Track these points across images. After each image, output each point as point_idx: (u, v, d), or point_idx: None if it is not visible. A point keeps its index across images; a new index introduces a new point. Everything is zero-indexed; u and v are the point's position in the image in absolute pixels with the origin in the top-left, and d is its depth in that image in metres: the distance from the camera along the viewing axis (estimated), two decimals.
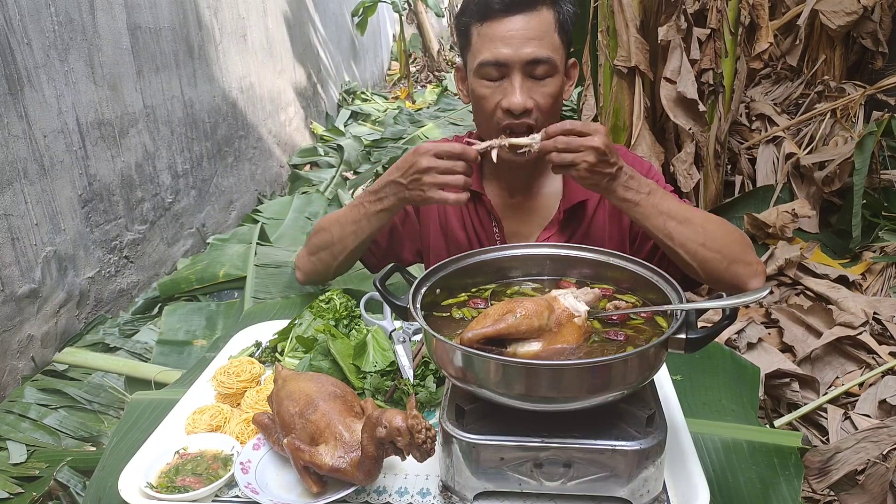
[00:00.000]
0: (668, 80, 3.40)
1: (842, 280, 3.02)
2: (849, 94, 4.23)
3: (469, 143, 1.34)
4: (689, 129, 3.44)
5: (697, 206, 3.70)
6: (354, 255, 1.59)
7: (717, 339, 1.10)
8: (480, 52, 1.39)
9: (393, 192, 1.41)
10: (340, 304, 1.44)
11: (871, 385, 2.37)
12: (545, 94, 1.40)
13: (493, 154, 1.34)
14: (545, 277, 1.21)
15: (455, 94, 9.52)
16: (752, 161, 4.11)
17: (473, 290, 1.17)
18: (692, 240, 1.32)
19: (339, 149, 6.43)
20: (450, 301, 1.14)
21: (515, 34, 1.35)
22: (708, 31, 3.46)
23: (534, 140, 1.29)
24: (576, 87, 1.70)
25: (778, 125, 4.27)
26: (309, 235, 1.67)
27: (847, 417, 2.27)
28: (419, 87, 11.01)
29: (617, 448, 0.91)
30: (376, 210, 1.46)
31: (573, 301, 1.01)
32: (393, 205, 1.43)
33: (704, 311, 1.02)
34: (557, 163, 1.27)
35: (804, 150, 3.99)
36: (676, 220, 1.32)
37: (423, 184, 1.34)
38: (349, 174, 5.95)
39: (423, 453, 0.91)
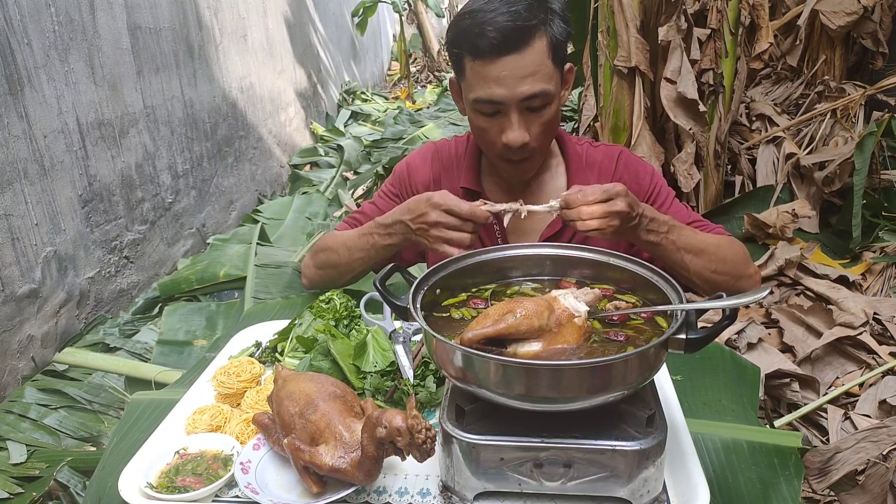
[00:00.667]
0: (668, 80, 3.40)
1: (842, 280, 3.01)
2: (849, 95, 4.23)
3: (483, 203, 1.33)
4: (690, 129, 3.44)
5: (697, 206, 3.70)
6: (360, 276, 1.64)
7: (717, 340, 1.10)
8: (474, 89, 1.38)
9: (401, 231, 1.44)
10: (340, 304, 1.44)
11: (871, 385, 2.37)
12: (542, 122, 1.41)
13: (506, 219, 1.34)
14: (545, 277, 1.21)
15: None
16: (752, 161, 4.11)
17: (473, 290, 1.17)
18: (706, 268, 1.38)
19: (339, 149, 6.43)
20: (450, 301, 1.14)
21: (509, 74, 1.33)
22: (708, 32, 3.46)
23: (552, 208, 1.26)
24: (576, 87, 1.70)
25: (778, 125, 4.27)
26: (315, 248, 1.70)
27: (847, 417, 2.27)
28: (419, 87, 11.01)
29: (617, 448, 0.91)
30: (385, 244, 1.50)
31: (573, 301, 1.01)
32: (400, 241, 1.47)
33: (704, 311, 1.02)
34: (583, 230, 1.25)
35: (804, 150, 3.98)
36: (693, 252, 1.37)
37: (429, 235, 1.35)
38: (349, 174, 5.94)
39: (423, 453, 0.91)
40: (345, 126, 7.59)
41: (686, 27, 3.38)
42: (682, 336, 0.92)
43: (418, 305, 1.03)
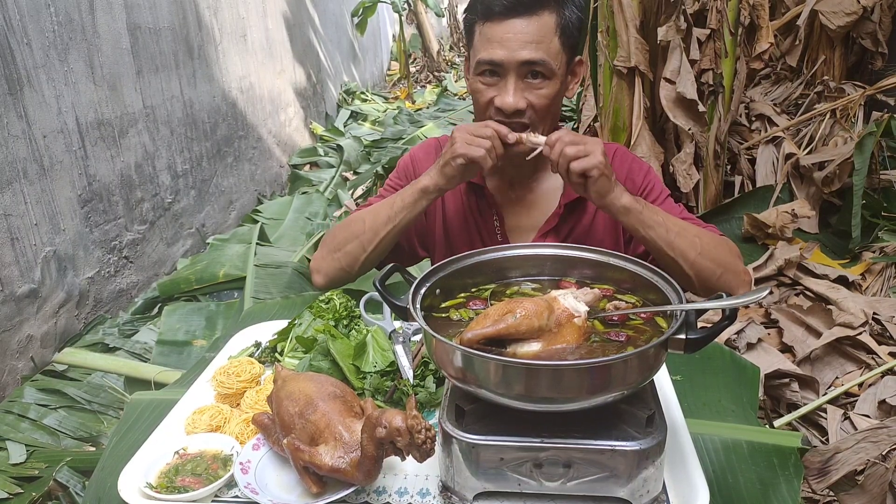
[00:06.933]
0: (667, 80, 3.40)
1: (841, 280, 3.01)
2: (848, 95, 4.23)
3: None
4: (689, 129, 3.45)
5: (697, 206, 3.71)
6: (383, 248, 1.53)
7: (716, 340, 1.10)
8: (479, 51, 1.43)
9: (431, 174, 1.44)
10: (340, 304, 1.44)
11: (870, 385, 2.37)
12: (540, 95, 1.42)
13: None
14: (545, 278, 1.20)
15: (455, 95, 9.53)
16: (752, 161, 4.11)
17: (473, 290, 1.17)
18: (691, 249, 1.36)
19: (339, 149, 6.43)
20: (449, 303, 1.13)
21: (514, 37, 1.38)
22: (708, 32, 3.46)
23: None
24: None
25: (778, 125, 4.27)
26: (325, 239, 1.62)
27: (847, 418, 2.27)
28: (419, 88, 11.01)
29: (617, 448, 0.91)
30: (415, 193, 1.46)
31: (573, 301, 1.01)
32: (431, 186, 1.44)
33: (704, 311, 1.03)
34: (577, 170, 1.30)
35: (804, 150, 3.98)
36: (675, 230, 1.36)
37: (454, 152, 1.38)
38: (349, 174, 5.94)
39: (423, 454, 0.91)
40: (344, 126, 7.59)
41: (686, 27, 3.38)
42: (682, 336, 0.92)
43: (418, 305, 1.03)
